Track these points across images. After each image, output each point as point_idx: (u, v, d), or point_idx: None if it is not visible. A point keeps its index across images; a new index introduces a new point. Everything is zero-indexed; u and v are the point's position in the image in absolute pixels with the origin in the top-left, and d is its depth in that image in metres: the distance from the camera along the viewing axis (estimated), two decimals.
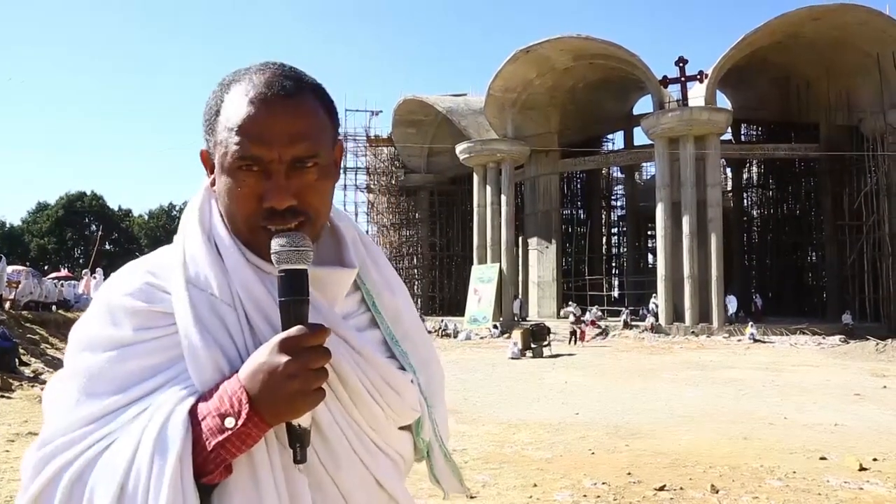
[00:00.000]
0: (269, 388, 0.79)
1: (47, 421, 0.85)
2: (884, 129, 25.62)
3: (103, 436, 0.81)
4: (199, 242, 0.92)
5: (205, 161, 0.96)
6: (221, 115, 0.90)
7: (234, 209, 0.90)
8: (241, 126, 0.87)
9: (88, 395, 0.84)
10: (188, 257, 0.91)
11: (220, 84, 0.93)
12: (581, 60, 29.03)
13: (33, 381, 11.31)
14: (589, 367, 16.84)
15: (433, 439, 1.10)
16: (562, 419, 9.61)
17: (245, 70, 0.92)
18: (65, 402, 0.85)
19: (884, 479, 6.30)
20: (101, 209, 59.72)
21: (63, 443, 0.81)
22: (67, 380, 0.86)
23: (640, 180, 41.64)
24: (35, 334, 14.90)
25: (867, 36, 25.30)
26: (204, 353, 0.85)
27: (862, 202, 26.25)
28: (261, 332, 0.88)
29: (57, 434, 0.82)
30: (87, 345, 0.87)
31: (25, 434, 7.52)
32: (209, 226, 0.94)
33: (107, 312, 0.88)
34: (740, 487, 6.04)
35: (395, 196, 38.51)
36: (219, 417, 0.80)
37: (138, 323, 0.87)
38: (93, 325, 0.88)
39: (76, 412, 0.83)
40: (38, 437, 0.84)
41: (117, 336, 0.86)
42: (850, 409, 10.29)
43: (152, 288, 0.89)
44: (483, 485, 6.15)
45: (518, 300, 30.48)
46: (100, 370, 0.85)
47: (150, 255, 0.97)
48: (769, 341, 23.19)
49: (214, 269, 0.89)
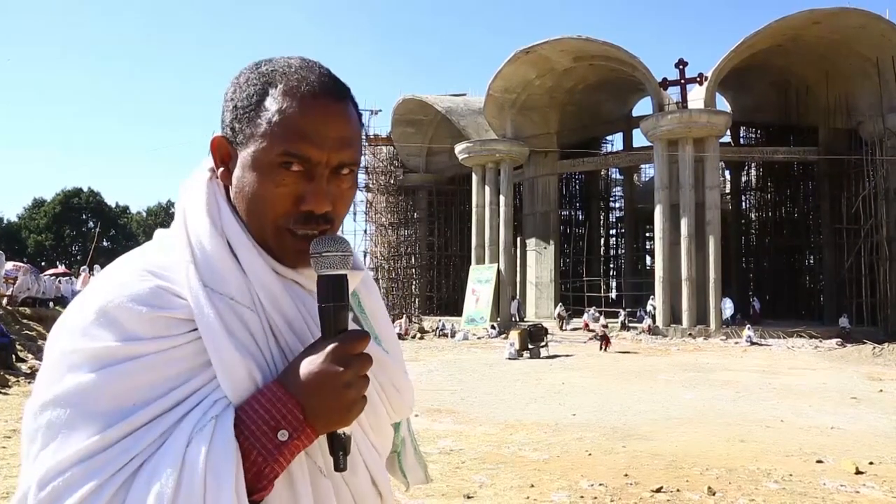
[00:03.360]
0: (325, 398, 0.77)
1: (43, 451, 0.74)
2: (882, 133, 25.66)
3: (128, 460, 0.73)
4: (213, 242, 0.84)
5: (219, 149, 0.88)
6: (266, 106, 0.84)
7: (264, 208, 0.84)
8: (293, 121, 0.83)
9: (100, 416, 0.74)
10: (200, 258, 0.83)
11: (258, 73, 0.87)
12: (581, 62, 29.05)
13: (30, 378, 11.29)
14: (586, 368, 16.83)
15: (407, 435, 1.11)
16: (559, 420, 9.61)
17: (287, 64, 0.88)
18: (66, 428, 0.74)
19: (880, 482, 6.32)
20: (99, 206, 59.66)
21: (80, 472, 0.72)
22: (61, 402, 0.75)
23: (639, 182, 41.68)
24: (32, 330, 14.87)
25: (867, 40, 25.34)
26: (238, 363, 0.79)
27: (860, 206, 26.29)
28: (283, 338, 0.85)
29: (69, 463, 0.72)
30: (84, 358, 0.76)
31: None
32: (220, 222, 0.86)
33: (110, 320, 0.77)
34: (737, 490, 6.05)
35: (394, 195, 38.51)
36: (271, 431, 0.75)
37: (153, 331, 0.78)
38: (87, 335, 0.77)
39: (85, 437, 0.73)
40: (32, 474, 0.74)
41: (127, 346, 0.76)
42: (846, 413, 10.31)
43: (164, 291, 0.80)
44: (480, 485, 6.15)
45: (516, 301, 30.49)
46: (107, 385, 0.75)
47: (142, 255, 0.86)
48: (766, 344, 23.21)
49: (232, 270, 0.83)
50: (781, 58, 27.88)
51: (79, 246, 57.59)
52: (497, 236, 30.74)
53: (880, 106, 25.47)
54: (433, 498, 5.72)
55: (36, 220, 58.05)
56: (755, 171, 38.76)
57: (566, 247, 35.33)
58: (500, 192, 30.95)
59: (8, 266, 18.46)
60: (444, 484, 6.13)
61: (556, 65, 29.43)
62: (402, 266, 38.29)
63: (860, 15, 24.65)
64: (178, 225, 0.87)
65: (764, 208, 38.69)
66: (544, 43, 28.00)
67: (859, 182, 26.85)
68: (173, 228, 0.89)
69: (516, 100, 30.89)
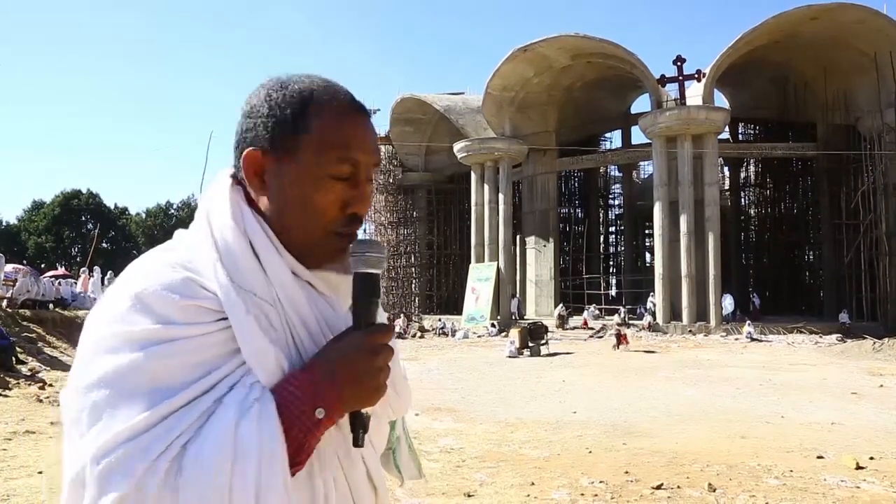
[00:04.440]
0: (360, 381, 0.86)
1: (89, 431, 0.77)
2: (881, 129, 25.67)
3: (173, 439, 0.77)
4: (238, 243, 0.90)
5: (254, 163, 0.93)
6: (311, 120, 0.92)
7: (313, 213, 0.92)
8: (344, 133, 0.93)
9: (143, 396, 0.78)
10: (226, 256, 0.88)
11: (292, 91, 0.94)
12: (579, 59, 29.04)
13: (30, 380, 11.29)
14: (586, 365, 16.85)
15: (401, 432, 1.17)
16: (559, 418, 9.62)
17: (319, 83, 0.96)
18: (109, 408, 0.77)
19: (880, 477, 6.32)
20: (98, 207, 59.61)
21: (131, 452, 0.75)
22: (103, 384, 0.78)
23: (638, 179, 41.67)
24: (32, 332, 14.86)
25: (865, 35, 25.33)
26: (269, 351, 0.86)
27: (859, 201, 26.29)
28: (297, 333, 0.91)
29: (118, 441, 0.75)
30: (123, 341, 0.80)
31: (23, 432, 7.51)
32: (244, 225, 0.92)
33: (145, 306, 0.82)
34: (737, 486, 6.05)
35: (393, 194, 38.51)
36: (309, 410, 0.83)
37: (185, 317, 0.83)
38: (126, 320, 0.81)
39: (132, 415, 0.77)
40: (88, 451, 0.76)
41: (164, 329, 0.81)
42: (847, 408, 10.31)
43: (193, 283, 0.85)
44: (481, 483, 6.15)
45: (516, 299, 30.49)
46: (148, 366, 0.79)
47: (168, 251, 0.91)
48: (766, 340, 23.23)
49: (255, 270, 0.89)
50: (780, 54, 27.88)
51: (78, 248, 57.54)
52: (496, 235, 30.74)
53: (879, 101, 25.47)
54: (434, 496, 5.72)
55: (35, 222, 58.02)
56: (754, 168, 38.75)
57: (566, 244, 35.34)
58: (499, 190, 30.95)
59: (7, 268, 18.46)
60: (445, 482, 6.13)
61: (555, 63, 29.42)
62: (402, 265, 38.30)
63: (858, 10, 24.64)
64: (202, 226, 0.92)
65: (763, 204, 38.70)
66: (542, 41, 27.99)
67: (858, 177, 26.85)
68: (194, 230, 0.94)
69: (515, 98, 30.89)
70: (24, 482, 5.56)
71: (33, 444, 7.07)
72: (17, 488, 5.38)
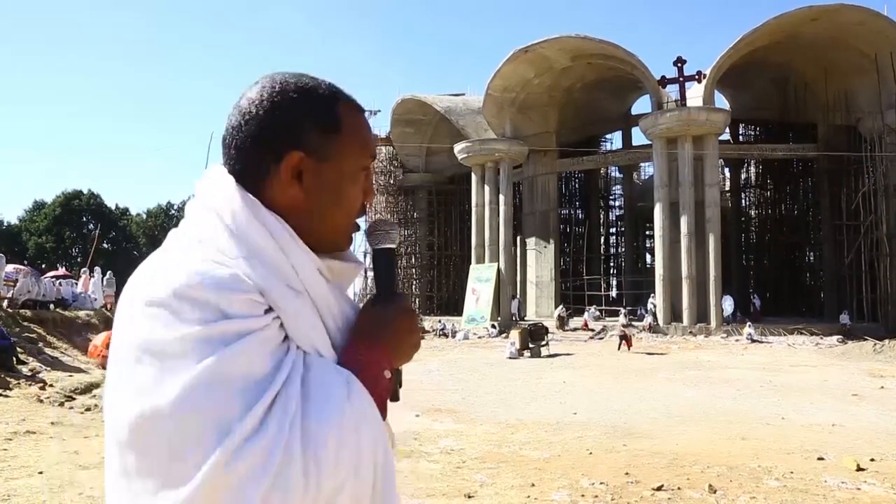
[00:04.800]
0: (406, 341, 0.98)
1: (209, 435, 0.74)
2: (882, 130, 25.68)
3: (290, 424, 0.78)
4: (263, 237, 0.90)
5: (297, 164, 0.93)
6: (346, 121, 0.97)
7: (349, 206, 0.99)
8: (369, 131, 1.02)
9: (238, 399, 0.77)
10: (255, 251, 0.88)
11: (327, 92, 0.98)
12: (579, 60, 29.05)
13: (31, 380, 11.29)
14: (587, 366, 16.85)
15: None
16: (560, 419, 9.62)
17: (330, 84, 1.00)
18: (218, 409, 0.75)
19: (881, 479, 6.32)
20: (99, 208, 59.56)
21: (261, 448, 0.75)
22: (201, 387, 0.76)
23: (639, 180, 41.67)
24: (33, 333, 14.85)
25: (865, 36, 25.34)
26: (324, 331, 0.92)
27: (860, 202, 26.30)
28: (323, 316, 0.95)
29: (239, 444, 0.74)
30: (200, 343, 0.77)
31: (23, 433, 7.51)
32: (262, 220, 0.92)
33: (203, 305, 0.79)
34: (738, 487, 6.05)
35: (394, 195, 38.52)
36: (380, 372, 0.92)
37: (248, 310, 0.82)
38: (192, 320, 0.78)
39: (243, 418, 0.75)
40: (212, 456, 0.73)
41: (236, 325, 0.80)
42: (847, 410, 10.31)
43: (238, 277, 0.84)
44: (481, 484, 6.15)
45: (516, 300, 30.49)
46: (237, 366, 0.78)
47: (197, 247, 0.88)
48: (767, 341, 23.23)
49: (284, 262, 0.91)
50: (780, 55, 27.88)
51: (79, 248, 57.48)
52: (497, 236, 30.74)
53: (879, 102, 25.48)
54: (434, 497, 5.72)
55: (36, 223, 57.99)
56: (755, 169, 38.76)
57: (566, 246, 35.34)
58: (499, 191, 30.96)
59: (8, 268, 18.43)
60: (445, 483, 6.13)
61: (555, 64, 29.43)
62: (402, 266, 38.30)
63: (859, 11, 24.65)
64: (213, 223, 0.90)
65: (764, 205, 38.70)
66: (543, 42, 28.01)
67: (859, 178, 26.85)
68: (203, 226, 0.91)
69: (515, 99, 30.90)
70: (24, 482, 5.57)
71: (34, 444, 7.07)
72: (18, 488, 5.38)
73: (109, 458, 0.82)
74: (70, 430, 8.01)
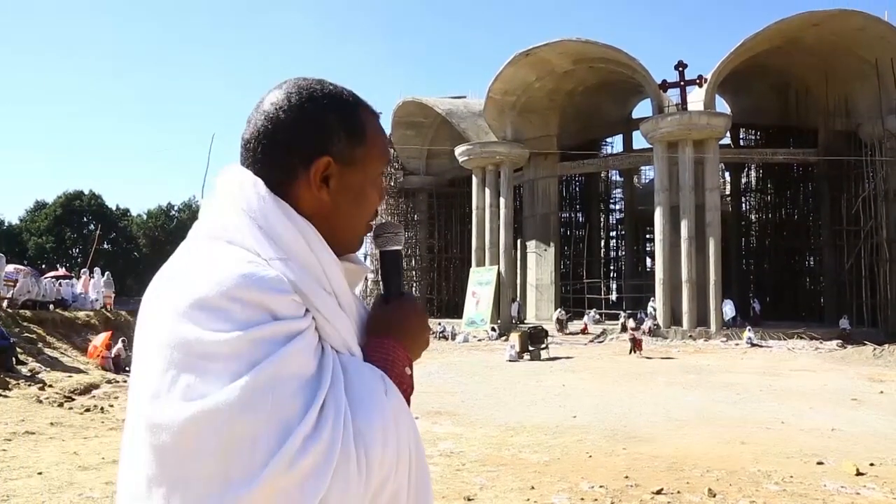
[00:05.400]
0: (420, 339, 1.04)
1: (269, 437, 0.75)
2: (882, 135, 25.69)
3: (343, 422, 0.81)
4: (294, 240, 0.92)
5: (325, 169, 0.96)
6: (368, 129, 1.01)
7: (369, 210, 1.03)
8: (385, 139, 1.05)
9: (297, 398, 0.78)
10: (290, 253, 0.90)
11: (350, 101, 1.00)
12: (581, 64, 29.08)
13: (30, 381, 11.29)
14: (587, 370, 16.83)
15: None
16: (559, 422, 9.61)
17: (351, 92, 1.03)
18: (278, 411, 0.77)
19: (880, 483, 6.32)
20: (100, 208, 59.49)
21: (321, 448, 0.77)
22: (260, 389, 0.76)
23: (639, 184, 41.68)
24: (32, 333, 14.84)
25: (866, 42, 25.37)
26: (355, 331, 0.97)
27: (860, 207, 26.30)
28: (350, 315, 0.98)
29: (301, 442, 0.76)
30: (256, 345, 0.78)
31: (22, 433, 7.51)
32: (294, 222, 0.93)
33: (254, 306, 0.80)
34: (737, 491, 6.05)
35: (394, 198, 38.52)
36: (403, 369, 0.97)
37: (294, 311, 0.84)
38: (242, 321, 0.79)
39: (305, 415, 0.78)
40: (276, 457, 0.74)
41: (287, 326, 0.82)
42: (847, 414, 10.31)
43: (281, 279, 0.85)
44: (481, 487, 6.15)
45: (516, 303, 30.49)
46: (294, 366, 0.80)
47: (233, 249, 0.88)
48: (767, 346, 23.21)
49: (315, 265, 0.93)
50: (781, 60, 27.91)
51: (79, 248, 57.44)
52: (497, 238, 30.75)
53: (879, 107, 25.49)
54: (434, 500, 5.71)
55: (37, 223, 57.94)
56: (755, 173, 38.78)
57: (566, 249, 35.34)
58: (500, 194, 30.97)
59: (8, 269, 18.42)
60: (445, 486, 6.13)
61: (556, 67, 29.46)
62: (403, 268, 38.24)
63: (859, 17, 24.68)
64: (243, 223, 0.90)
65: (764, 210, 38.71)
66: (544, 45, 28.04)
67: (859, 184, 26.86)
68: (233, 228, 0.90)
69: (516, 102, 30.93)
70: (23, 483, 5.56)
71: (33, 444, 7.07)
72: (17, 489, 5.38)
73: (132, 466, 0.81)
74: (69, 430, 8.01)
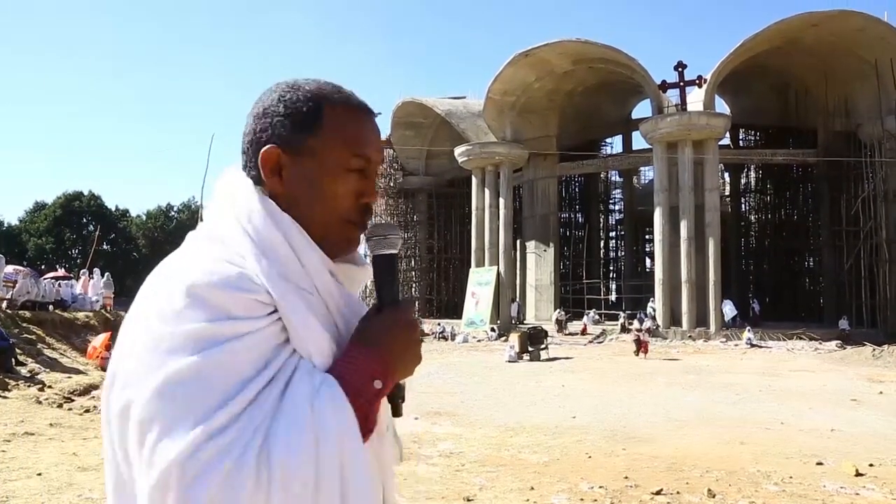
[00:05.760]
0: (404, 352, 0.94)
1: (177, 433, 0.77)
2: (881, 136, 25.71)
3: (254, 429, 0.79)
4: (274, 236, 0.93)
5: (271, 161, 0.98)
6: (328, 119, 0.98)
7: (333, 203, 0.98)
8: (359, 131, 1.00)
9: (218, 393, 0.79)
10: (267, 251, 0.91)
11: (307, 92, 0.99)
12: (580, 64, 29.10)
13: (30, 381, 11.28)
14: (586, 370, 16.83)
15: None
16: (559, 423, 9.61)
17: (331, 85, 1.02)
18: (191, 407, 0.78)
19: (880, 484, 6.31)
20: (99, 209, 59.52)
21: (217, 450, 0.76)
22: (179, 383, 0.79)
23: (639, 184, 41.71)
24: (32, 334, 14.83)
25: (865, 42, 25.39)
26: (323, 337, 0.91)
27: (859, 208, 26.32)
28: (334, 318, 0.96)
29: (202, 441, 0.76)
30: (193, 340, 0.80)
31: (21, 434, 7.50)
32: (275, 221, 0.95)
33: (204, 303, 0.83)
34: (737, 492, 6.05)
35: (394, 198, 38.54)
36: (369, 382, 0.89)
37: (247, 311, 0.85)
38: (191, 318, 0.82)
39: (214, 415, 0.78)
40: (170, 453, 0.76)
41: (230, 326, 0.83)
42: (846, 415, 10.31)
43: (247, 277, 0.87)
44: (480, 488, 6.15)
45: (516, 303, 30.50)
46: (222, 364, 0.81)
47: (213, 245, 0.92)
48: (766, 346, 23.22)
49: (294, 261, 0.93)
50: (781, 60, 27.93)
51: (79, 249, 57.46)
52: (497, 239, 30.76)
53: (879, 108, 25.51)
54: (433, 500, 5.71)
55: (36, 224, 57.97)
56: (754, 174, 38.81)
57: (566, 249, 35.36)
58: (499, 194, 30.99)
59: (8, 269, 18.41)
60: (444, 486, 6.13)
61: (556, 67, 29.48)
62: (402, 269, 38.29)
63: (859, 17, 24.70)
64: (230, 223, 0.95)
65: (763, 210, 38.74)
66: (543, 46, 28.05)
67: (858, 184, 26.89)
68: (222, 226, 0.95)
69: (516, 102, 30.94)
70: (23, 483, 5.56)
71: (32, 445, 7.06)
72: (16, 490, 5.38)
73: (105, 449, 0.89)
74: (69, 431, 8.00)
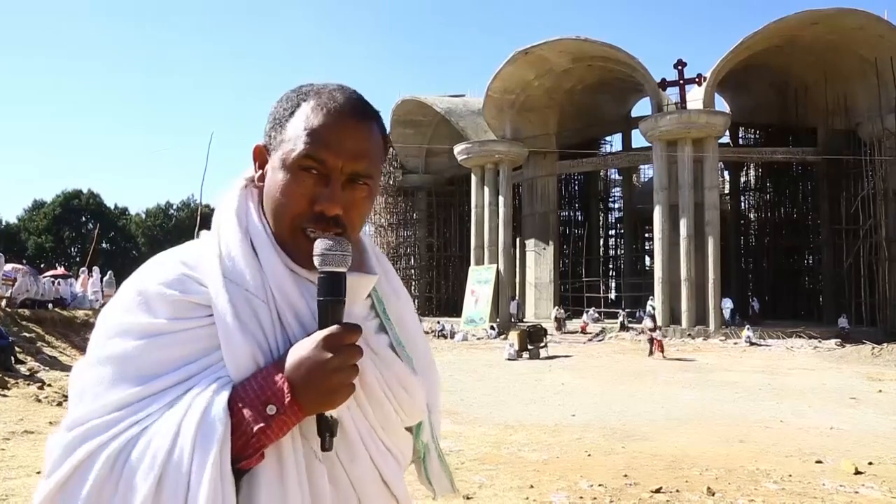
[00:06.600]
0: (312, 380, 0.85)
1: (76, 403, 0.86)
2: (881, 134, 25.70)
3: (139, 420, 0.83)
4: (236, 239, 0.95)
5: (257, 155, 1.02)
6: (296, 116, 0.96)
7: (283, 205, 0.94)
8: (316, 130, 0.94)
9: (122, 380, 0.86)
10: (224, 252, 0.94)
11: (296, 91, 1.00)
12: (580, 62, 29.07)
13: (29, 380, 11.28)
14: (585, 368, 16.84)
15: (430, 441, 1.12)
16: (558, 421, 9.61)
17: (324, 86, 1.00)
18: (96, 385, 0.86)
19: (879, 482, 6.32)
20: (98, 207, 59.49)
21: (97, 425, 0.83)
22: (98, 364, 0.87)
23: (638, 182, 41.70)
24: (31, 332, 14.82)
25: (865, 41, 25.37)
26: (242, 346, 0.88)
27: (859, 206, 26.32)
28: (291, 329, 0.93)
29: (90, 416, 0.83)
30: (120, 331, 0.89)
31: (21, 432, 7.50)
32: (246, 223, 0.97)
33: (140, 300, 0.90)
34: (736, 490, 6.05)
35: (393, 196, 38.53)
36: (261, 405, 0.84)
37: (173, 312, 0.89)
38: (126, 311, 0.90)
39: (110, 395, 0.85)
40: (67, 419, 0.85)
41: (152, 323, 0.88)
42: (845, 413, 10.32)
43: (188, 279, 0.91)
44: (479, 486, 6.15)
45: (515, 301, 30.50)
46: (134, 356, 0.86)
47: (181, 248, 0.98)
48: (765, 344, 23.23)
49: (251, 265, 0.93)
50: (780, 58, 27.92)
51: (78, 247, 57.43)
52: (496, 237, 30.75)
53: (879, 106, 25.49)
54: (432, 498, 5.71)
55: (36, 222, 57.92)
56: (754, 172, 38.79)
57: (565, 247, 35.35)
58: (499, 192, 30.98)
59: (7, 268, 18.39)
60: None
61: (555, 65, 29.45)
62: (402, 267, 38.31)
63: (859, 16, 24.68)
64: (213, 225, 0.99)
65: (763, 209, 38.73)
66: (543, 44, 28.03)
67: (858, 182, 26.89)
68: (212, 228, 1.00)
69: (515, 101, 30.92)
70: (22, 482, 5.56)
71: (32, 444, 7.06)
72: (16, 488, 5.37)
73: None
74: None
